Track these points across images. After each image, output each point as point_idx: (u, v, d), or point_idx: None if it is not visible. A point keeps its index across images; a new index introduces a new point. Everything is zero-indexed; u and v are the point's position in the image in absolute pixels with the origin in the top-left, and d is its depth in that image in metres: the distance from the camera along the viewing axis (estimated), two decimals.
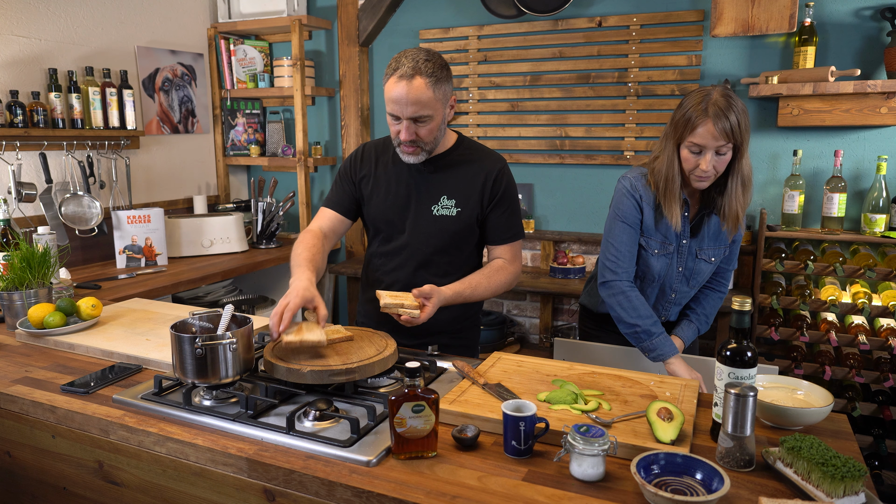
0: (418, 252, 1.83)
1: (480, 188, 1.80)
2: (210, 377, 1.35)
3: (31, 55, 2.77)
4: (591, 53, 3.14)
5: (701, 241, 1.85)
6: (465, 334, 1.95)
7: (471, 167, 1.81)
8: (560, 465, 1.15)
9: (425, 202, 1.81)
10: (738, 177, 1.71)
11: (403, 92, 1.61)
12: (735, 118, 1.62)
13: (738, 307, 1.21)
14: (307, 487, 1.14)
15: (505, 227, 1.83)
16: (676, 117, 1.70)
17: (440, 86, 1.65)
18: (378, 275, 1.90)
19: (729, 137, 1.62)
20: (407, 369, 1.17)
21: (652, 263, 1.85)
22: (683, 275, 1.88)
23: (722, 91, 1.65)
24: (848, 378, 2.53)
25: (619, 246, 1.83)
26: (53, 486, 1.50)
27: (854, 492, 1.02)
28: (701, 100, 1.65)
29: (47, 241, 2.25)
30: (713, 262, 1.88)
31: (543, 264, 3.36)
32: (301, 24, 3.41)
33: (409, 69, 1.60)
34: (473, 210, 1.80)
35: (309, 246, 1.74)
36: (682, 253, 1.85)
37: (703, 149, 1.65)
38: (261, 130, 3.85)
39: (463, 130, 3.44)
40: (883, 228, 2.59)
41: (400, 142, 1.70)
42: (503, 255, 1.85)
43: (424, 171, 1.81)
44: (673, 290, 1.91)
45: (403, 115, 1.64)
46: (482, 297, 1.79)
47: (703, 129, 1.63)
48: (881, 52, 2.63)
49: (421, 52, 1.65)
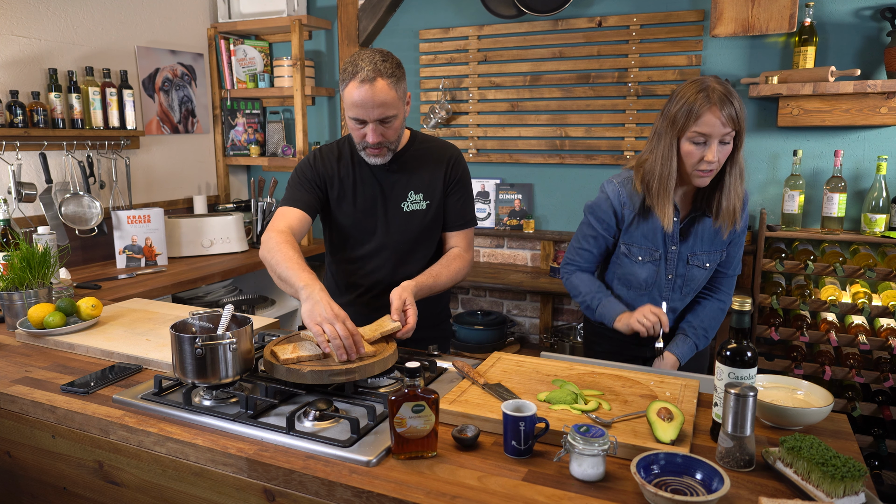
0: (397, 251, 1.84)
1: (442, 177, 1.84)
2: (210, 377, 1.35)
3: (31, 55, 2.77)
4: (591, 53, 3.14)
5: (693, 246, 1.79)
6: (440, 327, 1.98)
7: (430, 158, 1.84)
8: (560, 465, 1.15)
9: (394, 201, 1.83)
10: (736, 169, 1.66)
11: (368, 95, 1.60)
12: (737, 104, 1.59)
13: (738, 307, 1.21)
14: (307, 487, 1.14)
15: (459, 214, 1.86)
16: (673, 110, 1.63)
17: (400, 84, 1.66)
18: (354, 279, 1.89)
19: (735, 124, 1.58)
20: (407, 369, 1.17)
21: (637, 272, 1.81)
22: (675, 283, 1.82)
23: (716, 79, 1.62)
24: (848, 378, 2.53)
25: (576, 243, 1.90)
26: (53, 486, 1.50)
27: (854, 492, 1.02)
28: (700, 88, 1.60)
29: (47, 241, 2.25)
30: (708, 269, 1.82)
31: (543, 264, 3.35)
32: (301, 24, 3.41)
33: (370, 72, 1.60)
34: (440, 200, 1.84)
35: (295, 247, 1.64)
36: (672, 259, 1.79)
37: (708, 138, 1.59)
38: (261, 130, 3.85)
39: (463, 130, 3.45)
40: (883, 228, 2.59)
41: (366, 145, 1.70)
42: (458, 243, 1.87)
43: (387, 171, 1.82)
44: (663, 299, 1.84)
45: (370, 118, 1.64)
46: (444, 286, 1.78)
47: (709, 115, 1.57)
48: (881, 52, 2.63)
49: (376, 53, 1.64)
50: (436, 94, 3.47)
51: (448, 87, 3.45)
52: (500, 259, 3.50)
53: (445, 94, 3.44)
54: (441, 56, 3.45)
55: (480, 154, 3.44)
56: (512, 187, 3.39)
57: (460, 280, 1.84)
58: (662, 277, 1.82)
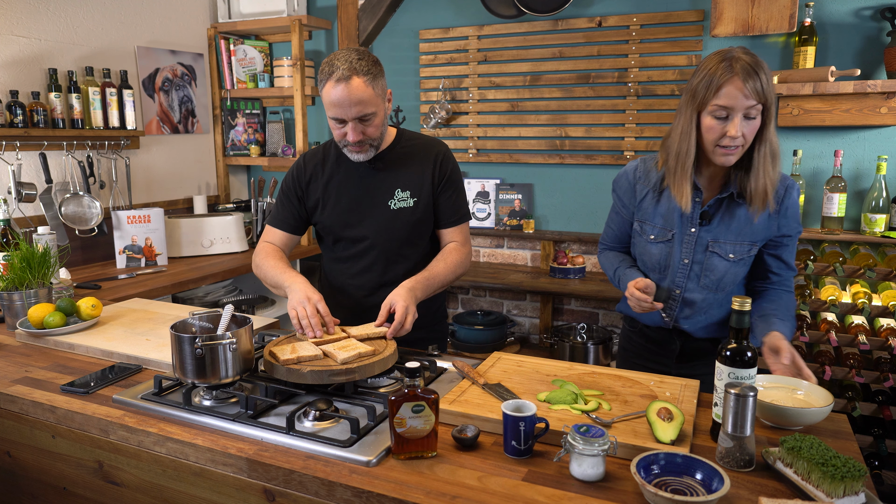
0: (385, 249, 1.84)
1: (430, 174, 1.83)
2: (210, 377, 1.35)
3: (31, 55, 2.77)
4: (591, 53, 3.14)
5: (716, 232, 1.63)
6: (436, 327, 1.98)
7: (417, 156, 1.85)
8: (560, 465, 1.15)
9: (380, 199, 1.83)
10: (766, 147, 1.52)
11: (344, 94, 1.61)
12: (765, 77, 1.46)
13: (738, 307, 1.21)
14: (307, 487, 1.14)
15: (453, 210, 1.86)
16: (695, 83, 1.51)
17: (377, 81, 1.66)
18: (346, 278, 1.90)
19: (760, 97, 1.45)
20: (407, 369, 1.17)
21: (650, 250, 1.71)
22: (690, 269, 1.67)
23: (744, 49, 1.49)
24: (848, 378, 2.53)
25: (609, 222, 1.86)
26: (53, 486, 1.50)
27: (854, 492, 1.02)
28: (723, 59, 1.48)
29: (47, 241, 2.25)
30: (732, 261, 1.64)
31: (543, 264, 3.36)
32: (301, 24, 3.41)
33: (346, 70, 1.60)
34: (428, 197, 1.84)
35: (279, 256, 1.82)
36: (689, 242, 1.65)
37: (730, 112, 1.47)
38: (261, 130, 3.85)
39: (463, 130, 3.45)
40: (883, 228, 2.59)
41: (347, 143, 1.71)
42: (455, 238, 1.87)
43: (373, 170, 1.83)
44: (677, 286, 1.70)
45: (348, 116, 1.65)
46: (444, 280, 1.78)
47: (730, 87, 1.45)
48: (881, 52, 2.63)
49: (352, 52, 1.65)
50: (436, 94, 3.48)
51: (448, 87, 3.45)
52: (500, 259, 3.50)
53: (445, 94, 3.44)
54: (441, 56, 3.45)
55: (480, 154, 3.44)
56: (512, 187, 3.39)
57: (461, 273, 1.84)
58: (676, 260, 1.68)
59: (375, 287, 1.86)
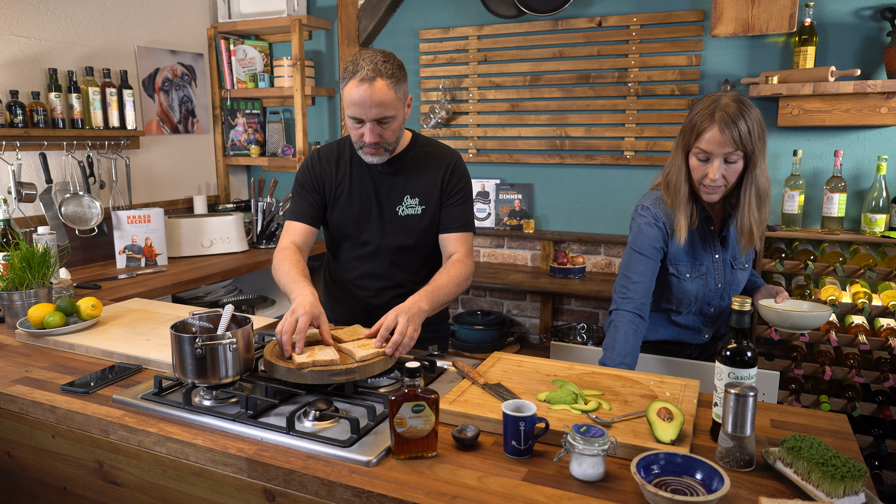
0: (392, 253, 1.84)
1: (440, 182, 1.82)
2: (210, 377, 1.35)
3: (31, 55, 2.77)
4: (591, 53, 3.14)
5: (733, 251, 1.78)
6: (438, 326, 1.98)
7: (429, 163, 1.83)
8: (560, 465, 1.15)
9: (390, 204, 1.82)
10: (752, 188, 1.61)
11: (367, 95, 1.61)
12: (745, 126, 1.54)
13: (738, 307, 1.21)
14: (307, 487, 1.14)
15: (457, 216, 1.83)
16: (685, 123, 1.64)
17: (400, 86, 1.66)
18: (351, 278, 1.90)
19: (737, 145, 1.54)
20: (407, 369, 1.17)
21: (687, 288, 1.77)
22: (723, 291, 1.79)
23: (734, 96, 1.58)
24: (848, 378, 2.53)
25: (633, 277, 1.72)
26: (53, 486, 1.50)
27: (854, 492, 1.02)
28: (709, 104, 1.58)
29: (47, 241, 2.25)
30: (747, 268, 1.83)
31: (543, 264, 3.36)
32: (301, 24, 3.41)
33: (370, 71, 1.60)
34: (436, 205, 1.83)
35: (295, 261, 1.70)
36: (718, 268, 1.77)
37: (710, 156, 1.58)
38: (261, 130, 3.85)
39: (463, 130, 3.45)
40: (883, 228, 2.59)
41: (363, 144, 1.70)
42: (457, 249, 1.82)
43: (385, 173, 1.82)
44: (711, 306, 1.82)
45: (367, 117, 1.64)
46: (449, 292, 1.71)
47: (708, 134, 1.56)
48: (881, 52, 2.63)
49: (378, 54, 1.65)
50: (436, 94, 3.47)
51: (448, 87, 3.45)
52: (500, 259, 3.50)
53: (445, 94, 3.44)
54: (441, 56, 3.45)
55: (480, 154, 3.44)
56: (512, 187, 3.39)
57: (465, 287, 1.78)
58: (711, 287, 1.78)
59: (380, 289, 1.86)
